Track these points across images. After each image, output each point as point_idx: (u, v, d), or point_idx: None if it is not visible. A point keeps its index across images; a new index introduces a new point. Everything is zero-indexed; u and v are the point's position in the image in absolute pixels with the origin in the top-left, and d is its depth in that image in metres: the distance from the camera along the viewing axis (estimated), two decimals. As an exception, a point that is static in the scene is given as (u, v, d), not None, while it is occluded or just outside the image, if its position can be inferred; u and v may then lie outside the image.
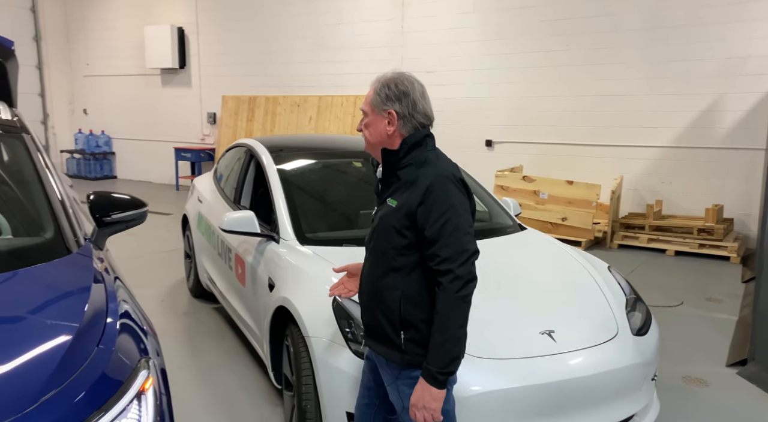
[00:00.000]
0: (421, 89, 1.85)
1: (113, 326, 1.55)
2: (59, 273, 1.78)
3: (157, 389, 1.51)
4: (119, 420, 1.35)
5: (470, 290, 1.74)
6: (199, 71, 10.83)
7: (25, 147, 2.26)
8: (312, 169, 3.80)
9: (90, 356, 1.41)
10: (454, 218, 1.71)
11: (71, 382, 1.32)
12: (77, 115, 12.55)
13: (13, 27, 11.52)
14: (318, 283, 2.62)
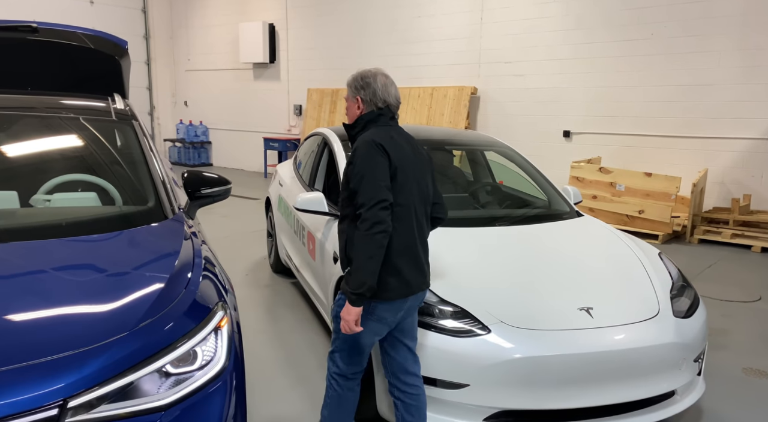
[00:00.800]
0: (383, 81, 2.33)
1: (197, 275, 1.92)
2: (157, 233, 2.20)
3: (231, 329, 1.87)
4: (199, 346, 1.71)
5: (376, 230, 2.07)
6: (288, 65, 11.47)
7: (134, 132, 2.73)
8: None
9: (178, 296, 1.78)
10: (368, 173, 2.11)
11: (163, 314, 1.69)
12: (179, 107, 13.67)
13: (126, 26, 12.76)
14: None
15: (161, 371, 1.59)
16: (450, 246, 3.09)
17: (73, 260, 1.94)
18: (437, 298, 2.63)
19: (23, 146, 2.70)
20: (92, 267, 1.92)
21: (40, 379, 1.41)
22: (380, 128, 2.29)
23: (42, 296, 1.71)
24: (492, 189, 4.51)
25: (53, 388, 1.41)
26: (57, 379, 1.42)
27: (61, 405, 1.41)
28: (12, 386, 1.38)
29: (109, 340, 1.55)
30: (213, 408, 1.67)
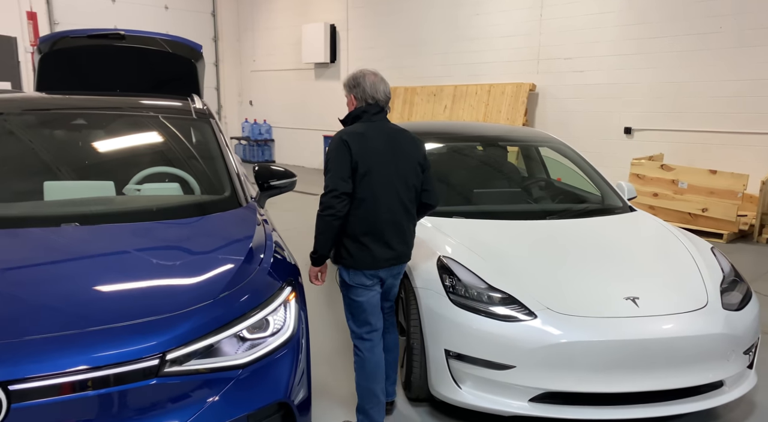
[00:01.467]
0: (372, 79, 2.65)
1: (269, 256, 2.17)
2: (233, 219, 2.48)
3: (298, 304, 2.10)
4: (271, 316, 1.95)
5: (327, 213, 2.50)
6: (347, 65, 11.78)
7: (211, 129, 3.03)
8: (434, 151, 4.26)
9: (253, 273, 2.03)
10: (331, 165, 2.51)
11: (240, 287, 1.95)
12: (244, 106, 14.29)
13: (197, 30, 13.47)
14: (427, 246, 3.09)
15: (238, 335, 1.84)
16: (501, 237, 3.23)
17: (164, 240, 2.24)
18: (486, 285, 2.78)
19: (117, 141, 3.06)
20: (180, 247, 2.21)
21: (146, 335, 1.69)
22: (360, 123, 2.63)
23: (142, 269, 2.01)
24: (545, 184, 4.59)
25: (155, 342, 1.68)
26: (158, 336, 1.70)
27: (161, 357, 1.68)
28: (124, 339, 1.66)
29: (197, 306, 1.81)
30: (282, 369, 1.91)
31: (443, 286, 2.84)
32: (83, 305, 1.77)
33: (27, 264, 1.98)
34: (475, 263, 2.89)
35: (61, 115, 2.98)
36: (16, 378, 1.51)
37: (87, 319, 1.70)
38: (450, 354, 2.76)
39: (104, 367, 1.59)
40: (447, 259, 2.92)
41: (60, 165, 2.77)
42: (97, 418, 1.59)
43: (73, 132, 2.97)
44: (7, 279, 1.86)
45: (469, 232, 3.24)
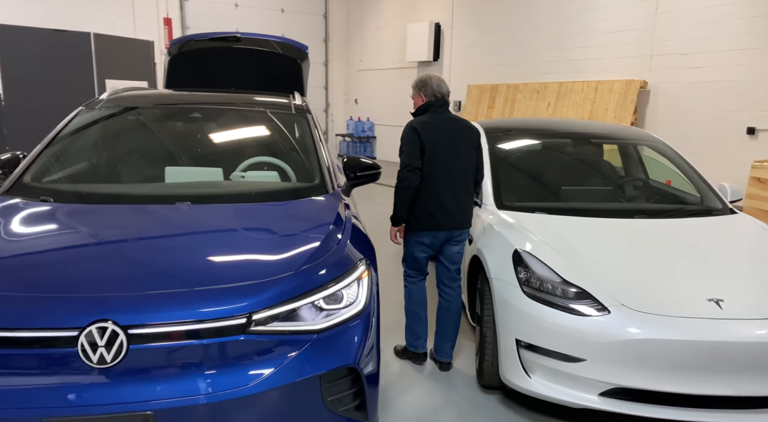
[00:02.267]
0: (436, 80, 3.34)
1: (346, 237, 2.40)
2: (318, 204, 2.74)
3: (370, 282, 2.31)
4: (345, 290, 2.17)
5: (404, 184, 3.16)
6: (450, 63, 11.88)
7: (308, 124, 3.33)
8: (523, 148, 4.30)
9: (330, 251, 2.26)
10: (405, 147, 3.18)
11: (319, 262, 2.18)
12: (350, 105, 14.86)
13: (309, 31, 14.22)
14: (504, 238, 3.17)
15: (315, 304, 2.08)
16: (582, 234, 3.23)
17: (258, 219, 2.54)
18: (561, 279, 2.82)
19: (226, 133, 3.47)
20: (271, 226, 2.51)
21: (237, 298, 1.97)
22: (427, 114, 3.28)
23: (238, 243, 2.32)
24: (642, 184, 4.45)
25: (244, 304, 1.95)
26: (247, 299, 1.97)
27: (248, 317, 1.95)
28: (219, 299, 1.95)
29: (280, 276, 2.07)
30: (352, 338, 2.12)
31: (517, 278, 2.91)
32: (189, 269, 2.08)
33: (148, 234, 2.35)
34: (551, 258, 2.94)
35: (181, 109, 3.42)
36: (136, 323, 1.84)
37: (192, 281, 2.00)
38: (521, 344, 2.83)
39: (202, 321, 1.88)
40: (523, 253, 2.99)
41: (179, 153, 3.20)
42: (195, 364, 1.89)
43: (190, 124, 3.40)
44: (133, 246, 2.23)
45: (550, 228, 3.27)
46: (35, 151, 2.84)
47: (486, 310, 3.09)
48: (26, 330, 1.79)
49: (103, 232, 2.32)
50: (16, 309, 1.83)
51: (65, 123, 3.05)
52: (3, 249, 2.13)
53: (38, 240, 2.24)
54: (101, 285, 1.94)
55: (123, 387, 1.82)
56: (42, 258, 2.12)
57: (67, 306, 1.84)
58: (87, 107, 3.20)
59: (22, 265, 2.06)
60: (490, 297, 3.05)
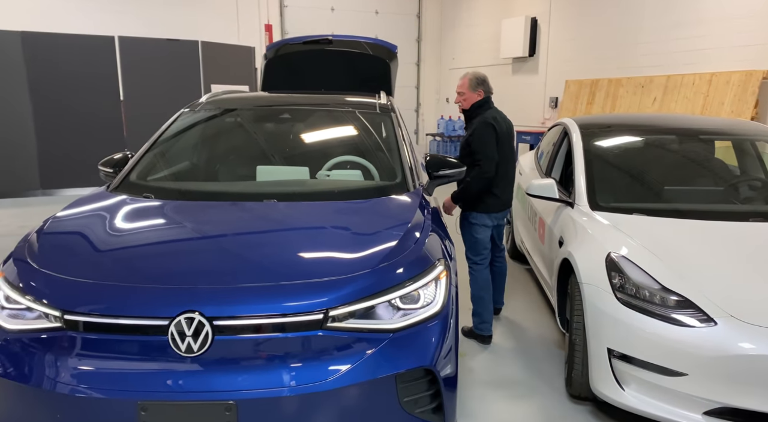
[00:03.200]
0: (487, 78, 3.79)
1: (424, 237, 2.36)
2: (398, 202, 2.73)
3: (448, 283, 2.26)
4: (422, 290, 2.14)
5: (486, 176, 3.53)
6: (547, 58, 11.46)
7: (392, 122, 3.33)
8: (621, 145, 4.03)
9: (408, 249, 2.24)
10: (487, 140, 3.53)
11: (396, 261, 2.17)
12: (441, 104, 14.78)
13: (402, 31, 14.31)
14: (597, 241, 2.99)
15: (391, 303, 2.07)
16: (686, 238, 2.98)
17: (339, 217, 2.58)
18: (659, 286, 2.61)
19: (314, 133, 3.57)
20: (351, 223, 2.54)
21: (314, 294, 2.00)
22: (487, 111, 3.69)
23: (318, 240, 2.37)
24: (762, 184, 4.02)
25: (321, 300, 1.98)
26: (323, 294, 2.00)
27: (325, 313, 1.97)
28: (296, 294, 2.00)
29: (357, 274, 2.08)
30: (429, 339, 2.09)
31: (610, 284, 2.73)
32: (272, 265, 2.16)
33: (237, 230, 2.47)
34: (649, 262, 2.72)
35: (272, 110, 3.56)
36: (220, 315, 1.93)
37: (273, 276, 2.07)
38: (613, 354, 2.65)
39: (281, 315, 1.94)
40: (617, 257, 2.79)
41: (270, 152, 3.33)
42: (275, 357, 1.94)
43: (280, 124, 3.53)
44: (222, 241, 2.35)
45: (649, 230, 3.04)
46: (141, 150, 3.07)
47: (576, 316, 2.93)
48: (124, 318, 1.93)
49: (197, 228, 2.46)
50: (115, 298, 1.98)
51: (168, 124, 3.27)
52: (107, 242, 2.31)
53: (138, 235, 2.42)
54: (192, 277, 2.06)
55: (208, 376, 1.91)
56: (141, 251, 2.29)
57: (160, 296, 1.97)
58: (189, 109, 3.41)
59: (123, 257, 2.22)
60: (580, 303, 2.89)
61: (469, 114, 3.76)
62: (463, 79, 3.76)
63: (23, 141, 8.23)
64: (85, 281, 2.03)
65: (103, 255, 2.22)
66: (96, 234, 2.34)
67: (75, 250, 2.25)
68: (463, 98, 3.73)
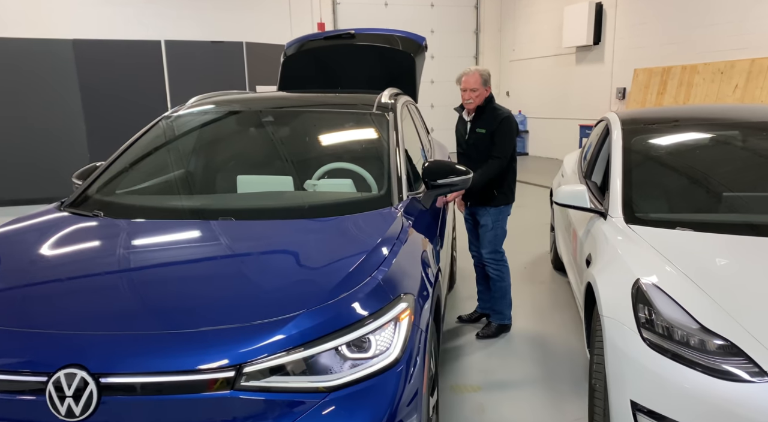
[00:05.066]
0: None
1: (390, 262, 1.94)
2: (369, 221, 2.29)
3: (413, 323, 1.82)
4: (374, 334, 1.71)
5: (499, 170, 3.59)
6: (613, 46, 10.55)
7: (387, 123, 2.87)
8: (669, 143, 3.40)
9: (361, 283, 1.81)
10: (513, 135, 3.67)
11: (341, 299, 1.74)
12: (501, 97, 14.05)
13: (459, 23, 13.74)
14: (625, 263, 2.46)
15: (331, 353, 1.65)
16: (741, 261, 2.39)
17: (292, 240, 2.18)
18: (698, 325, 2.06)
19: (301, 138, 3.19)
20: (302, 248, 2.11)
21: (224, 343, 1.58)
22: (499, 106, 3.69)
23: (249, 273, 1.95)
24: None
25: (233, 352, 1.57)
26: (236, 345, 1.58)
27: (238, 369, 1.56)
28: (203, 345, 1.58)
29: (285, 317, 1.67)
30: (379, 400, 1.66)
31: (635, 319, 2.20)
32: (182, 306, 1.78)
33: (160, 260, 2.10)
34: (687, 294, 2.17)
35: (258, 114, 3.21)
36: (108, 371, 1.55)
37: (181, 320, 1.69)
38: (639, 409, 2.12)
39: (184, 372, 1.56)
40: (647, 285, 2.26)
41: (251, 160, 3.01)
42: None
43: (265, 129, 3.18)
44: (138, 274, 1.98)
45: (695, 251, 2.47)
46: (107, 161, 2.82)
47: (596, 357, 2.42)
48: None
49: (119, 257, 2.10)
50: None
51: (142, 132, 3.01)
52: (5, 274, 1.99)
53: (47, 266, 2.07)
54: (82, 322, 1.70)
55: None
56: (40, 288, 1.92)
57: (38, 345, 1.62)
58: (168, 115, 3.13)
59: (14, 295, 1.87)
60: (601, 341, 2.37)
61: (481, 110, 3.62)
62: (472, 75, 3.58)
63: (75, 144, 8.46)
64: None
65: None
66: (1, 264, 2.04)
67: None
68: (476, 94, 3.58)
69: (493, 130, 3.55)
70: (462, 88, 3.58)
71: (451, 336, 3.79)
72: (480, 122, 3.61)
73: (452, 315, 4.07)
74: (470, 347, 3.63)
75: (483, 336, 3.76)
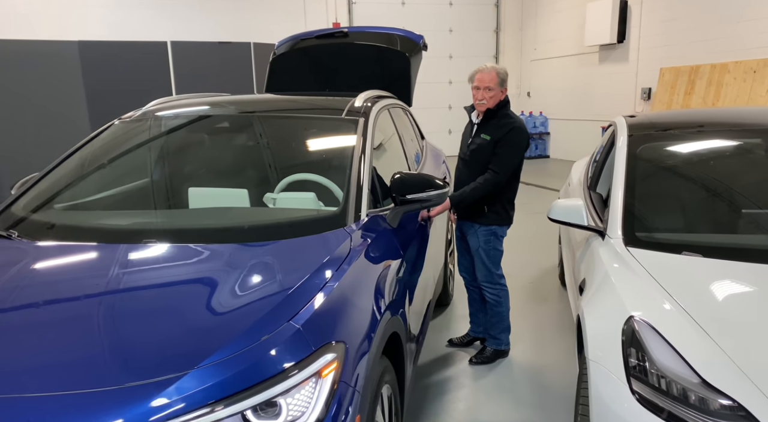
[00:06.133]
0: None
1: (314, 304, 1.60)
2: (309, 246, 1.95)
3: (339, 378, 1.49)
4: (282, 397, 1.39)
5: (494, 188, 3.15)
6: (638, 44, 10.02)
7: (355, 130, 2.55)
8: (685, 153, 3.01)
9: (274, 331, 1.48)
10: (518, 151, 3.19)
11: (243, 352, 1.42)
12: (522, 98, 13.59)
13: (478, 22, 13.32)
14: (618, 295, 2.10)
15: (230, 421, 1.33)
16: (748, 295, 2.01)
17: (197, 274, 1.85)
18: (699, 380, 1.70)
19: (259, 146, 2.88)
20: (207, 285, 1.75)
21: (78, 413, 1.28)
22: (512, 113, 3.23)
23: (148, 315, 1.62)
24: None
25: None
26: (96, 415, 1.27)
27: None
28: (56, 415, 1.28)
29: (166, 378, 1.35)
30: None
31: (625, 366, 1.85)
32: (36, 363, 1.43)
33: (52, 295, 1.75)
34: (689, 338, 1.81)
35: (216, 119, 2.93)
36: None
37: (30, 383, 1.36)
38: (626, 474, 1.78)
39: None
40: (641, 325, 1.90)
41: (208, 170, 2.73)
42: None
43: (224, 136, 2.90)
44: (18, 316, 1.64)
45: (702, 283, 2.09)
46: (42, 171, 2.55)
47: (581, 406, 2.07)
48: None
49: (14, 291, 1.76)
50: None
51: (85, 141, 2.72)
52: None
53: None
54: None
55: None
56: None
57: None
58: (120, 121, 2.84)
59: None
60: (587, 389, 2.02)
61: (491, 114, 3.16)
62: (488, 72, 3.14)
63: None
64: None
65: None
66: None
67: None
68: (490, 95, 3.13)
69: (497, 139, 3.11)
70: (475, 85, 3.14)
71: (439, 363, 3.45)
72: (486, 127, 3.18)
73: (443, 338, 3.73)
74: (458, 377, 3.28)
75: (477, 362, 3.41)
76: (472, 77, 3.17)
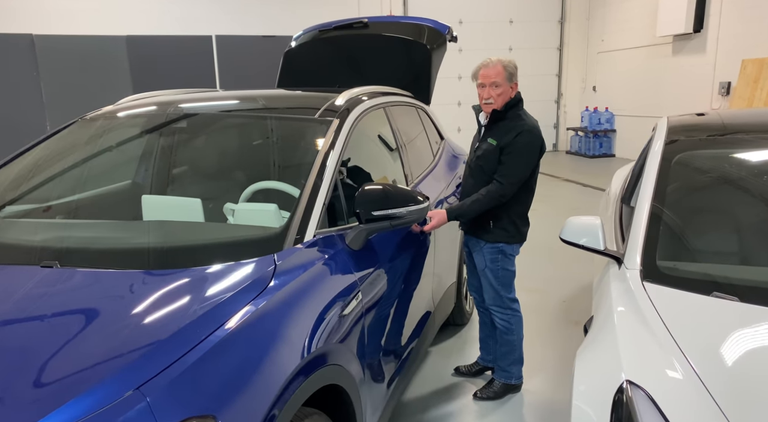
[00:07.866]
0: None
1: (179, 367, 1.24)
2: (218, 280, 1.58)
3: None
4: None
5: (502, 201, 2.73)
6: (717, 33, 9.03)
7: (326, 132, 2.21)
8: (733, 164, 2.46)
9: (116, 400, 1.14)
10: (529, 159, 2.75)
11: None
12: (587, 93, 12.72)
13: (542, 11, 12.55)
14: (617, 350, 1.65)
15: None
16: None
17: (71, 312, 1.49)
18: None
19: (225, 150, 2.60)
20: (71, 328, 1.39)
21: None
22: (525, 114, 2.77)
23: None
24: None
25: None
26: None
27: None
28: None
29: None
30: None
31: (610, 447, 1.43)
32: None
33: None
34: (694, 414, 1.37)
35: (187, 116, 2.64)
36: None
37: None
38: None
39: None
40: (637, 394, 1.46)
41: (166, 175, 2.47)
42: None
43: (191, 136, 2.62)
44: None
45: (734, 339, 1.62)
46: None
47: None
48: None
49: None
50: None
51: (43, 138, 2.50)
52: None
53: None
54: None
55: None
56: None
57: None
58: (80, 119, 2.59)
59: None
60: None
61: (499, 115, 2.73)
62: (494, 66, 2.70)
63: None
64: None
65: None
66: None
67: None
68: (498, 92, 2.69)
69: (504, 144, 2.68)
70: (480, 83, 2.72)
71: (440, 396, 3.05)
72: (493, 130, 2.76)
73: (451, 364, 3.34)
74: (459, 414, 2.87)
75: (483, 396, 2.99)
76: (476, 74, 2.74)
